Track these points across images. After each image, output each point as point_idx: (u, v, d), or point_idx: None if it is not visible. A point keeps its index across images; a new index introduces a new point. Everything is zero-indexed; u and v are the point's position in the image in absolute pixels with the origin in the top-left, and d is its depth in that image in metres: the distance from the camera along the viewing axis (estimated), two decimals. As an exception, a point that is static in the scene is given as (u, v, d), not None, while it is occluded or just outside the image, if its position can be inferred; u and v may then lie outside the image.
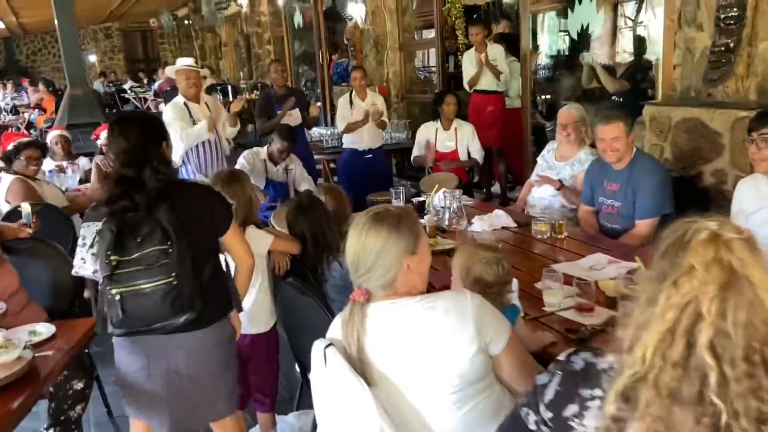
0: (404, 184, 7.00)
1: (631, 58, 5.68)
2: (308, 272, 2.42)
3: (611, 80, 5.20)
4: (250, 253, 2.18)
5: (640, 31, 7.80)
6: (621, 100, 5.32)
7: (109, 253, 1.83)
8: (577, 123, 3.74)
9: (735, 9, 3.24)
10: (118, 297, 1.84)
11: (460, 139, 5.02)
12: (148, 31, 20.31)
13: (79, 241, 2.58)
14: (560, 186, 3.64)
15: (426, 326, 1.49)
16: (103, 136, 5.03)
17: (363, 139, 5.38)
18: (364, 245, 1.54)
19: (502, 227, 3.22)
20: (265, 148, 4.53)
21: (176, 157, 4.84)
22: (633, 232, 3.12)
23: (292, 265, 2.54)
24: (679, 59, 3.81)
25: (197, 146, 4.70)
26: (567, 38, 7.67)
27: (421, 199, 3.66)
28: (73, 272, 2.66)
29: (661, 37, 4.07)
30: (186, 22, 17.05)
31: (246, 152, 4.50)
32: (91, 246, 2.43)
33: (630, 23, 7.77)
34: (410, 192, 6.89)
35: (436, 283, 2.46)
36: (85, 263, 2.55)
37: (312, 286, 2.35)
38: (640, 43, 6.09)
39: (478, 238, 2.72)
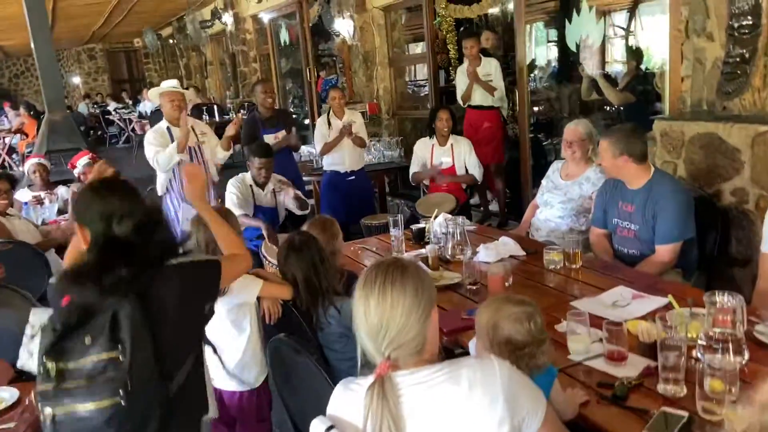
0: (398, 203, 6.78)
1: (632, 69, 5.48)
2: (302, 320, 2.16)
3: (614, 92, 5.01)
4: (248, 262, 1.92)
5: (638, 40, 7.69)
6: (624, 112, 5.14)
7: (44, 357, 1.40)
8: (583, 140, 3.53)
9: (750, 17, 3.05)
10: (50, 417, 1.40)
11: (457, 155, 4.81)
12: (133, 51, 20.07)
13: (27, 330, 2.04)
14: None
15: (449, 404, 1.25)
16: (80, 164, 4.78)
17: (344, 161, 5.22)
18: (390, 306, 1.30)
19: (510, 256, 2.99)
20: (249, 173, 4.28)
21: (159, 186, 4.61)
22: (653, 259, 2.89)
23: (284, 312, 2.28)
24: (688, 71, 3.61)
25: (181, 173, 4.47)
26: (558, 49, 7.53)
27: (420, 225, 3.43)
28: (18, 365, 2.13)
29: (666, 47, 3.88)
30: (171, 41, 16.83)
31: (233, 180, 4.24)
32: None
33: (627, 32, 7.64)
34: (405, 213, 6.68)
35: (444, 325, 2.22)
36: (33, 357, 1.99)
37: (307, 339, 2.10)
38: (638, 54, 5.93)
39: (492, 278, 2.47)
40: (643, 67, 5.69)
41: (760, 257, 2.38)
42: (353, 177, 5.28)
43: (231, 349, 2.26)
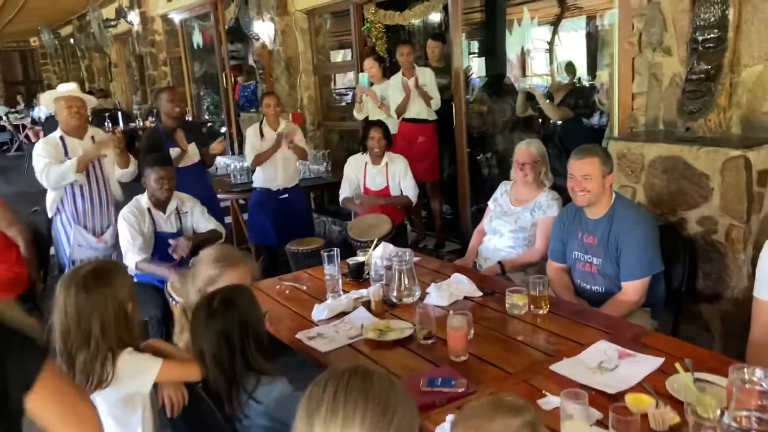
0: (325, 221, 6.29)
1: (569, 84, 5.27)
2: (216, 408, 1.63)
3: (553, 108, 4.76)
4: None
5: (572, 53, 7.58)
6: (561, 129, 4.91)
7: None
8: (536, 162, 3.21)
9: (716, 30, 2.81)
10: None
11: (392, 175, 4.39)
12: (29, 51, 18.50)
13: None
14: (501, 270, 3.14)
15: None
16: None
17: (277, 177, 4.65)
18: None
19: (465, 297, 2.59)
20: (145, 194, 3.55)
21: (49, 205, 3.92)
22: (620, 297, 2.58)
23: (191, 397, 1.74)
24: (642, 87, 3.37)
25: (74, 191, 3.81)
26: (488, 62, 7.31)
27: (358, 259, 2.97)
28: None
29: (615, 61, 3.64)
30: (71, 41, 15.55)
31: (126, 208, 3.49)
32: None
33: (552, 46, 7.53)
34: (332, 232, 6.20)
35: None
36: None
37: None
38: (574, 67, 5.76)
39: (453, 334, 2.04)
40: (584, 81, 5.50)
41: (754, 303, 2.10)
42: (286, 195, 4.73)
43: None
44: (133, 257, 3.31)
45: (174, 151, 4.28)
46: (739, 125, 2.87)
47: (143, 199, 3.53)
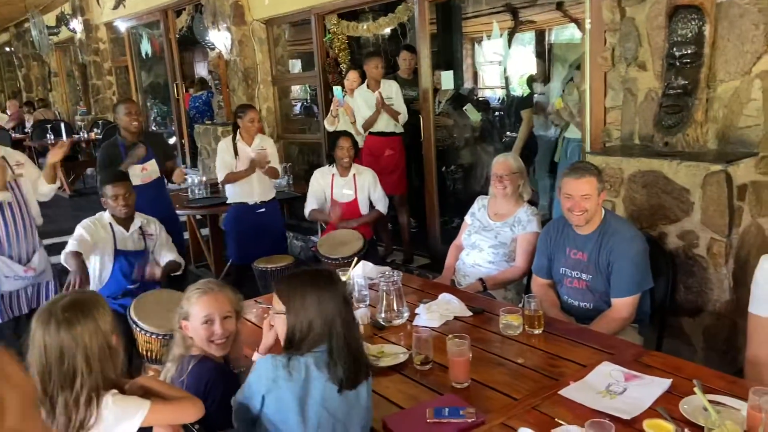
0: (288, 236, 6.11)
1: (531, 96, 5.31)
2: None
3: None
4: None
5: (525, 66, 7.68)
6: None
7: None
8: (514, 174, 3.18)
9: (692, 46, 2.84)
10: None
11: (360, 187, 4.29)
12: (-41, 58, 17.51)
13: None
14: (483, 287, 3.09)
15: None
16: None
17: (253, 191, 4.43)
18: None
19: (455, 317, 2.51)
20: (107, 211, 3.40)
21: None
22: (611, 314, 2.55)
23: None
24: (616, 101, 3.39)
25: None
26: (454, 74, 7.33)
27: (338, 279, 2.84)
28: None
29: (587, 76, 3.65)
30: (8, 48, 14.82)
31: (84, 222, 3.32)
32: None
33: (505, 59, 7.61)
34: (295, 246, 6.03)
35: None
36: None
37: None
38: (532, 80, 5.82)
39: (456, 361, 1.95)
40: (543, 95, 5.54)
41: (749, 319, 2.09)
42: (263, 209, 4.49)
43: None
44: (67, 247, 3.14)
45: (135, 169, 4.07)
46: (716, 140, 2.91)
47: (106, 215, 3.38)
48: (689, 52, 2.86)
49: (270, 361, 1.60)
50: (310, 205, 4.33)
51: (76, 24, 10.15)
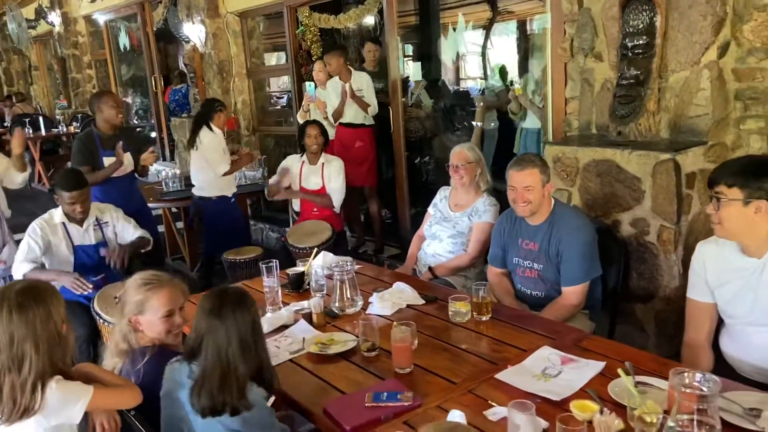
0: (262, 227, 6.15)
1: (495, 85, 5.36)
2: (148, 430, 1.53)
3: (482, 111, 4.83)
4: None
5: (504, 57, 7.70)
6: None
7: None
8: (470, 163, 3.22)
9: (644, 37, 2.89)
10: None
11: (327, 176, 4.33)
12: (-62, 52, 17.30)
13: None
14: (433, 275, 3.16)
15: None
16: None
17: (231, 184, 4.69)
18: None
19: (408, 305, 2.56)
20: (60, 207, 3.32)
21: None
22: (561, 302, 2.61)
23: (125, 423, 1.63)
24: (575, 92, 3.44)
25: None
26: (424, 66, 7.35)
27: (297, 270, 2.89)
28: None
29: (548, 66, 3.70)
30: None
31: (33, 224, 3.25)
32: None
33: (485, 49, 7.64)
34: (270, 238, 6.07)
35: (346, 420, 1.72)
36: None
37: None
38: (504, 71, 5.86)
39: (398, 346, 2.00)
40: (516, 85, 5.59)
41: (687, 304, 2.15)
42: (234, 200, 4.74)
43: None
44: (19, 267, 3.14)
45: (108, 160, 4.07)
46: (668, 129, 2.96)
47: (57, 214, 3.32)
48: (641, 42, 2.91)
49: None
50: (271, 180, 4.47)
51: (55, 17, 10.08)
